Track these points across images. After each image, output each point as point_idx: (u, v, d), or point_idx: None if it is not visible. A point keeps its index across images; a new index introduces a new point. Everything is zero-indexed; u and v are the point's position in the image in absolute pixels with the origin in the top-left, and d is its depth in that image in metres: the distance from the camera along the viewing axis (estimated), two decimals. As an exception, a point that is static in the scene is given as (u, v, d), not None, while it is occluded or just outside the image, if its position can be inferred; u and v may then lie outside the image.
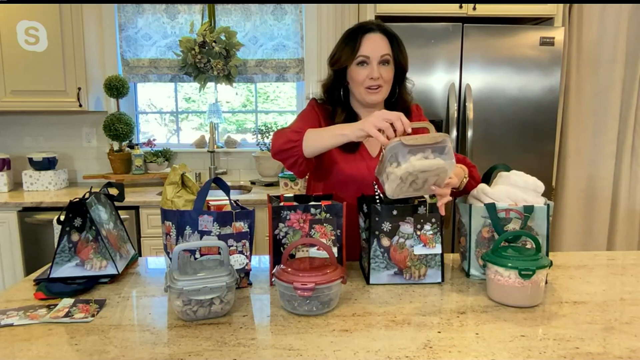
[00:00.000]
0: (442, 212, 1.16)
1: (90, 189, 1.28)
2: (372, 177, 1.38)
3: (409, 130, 1.07)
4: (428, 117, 2.45)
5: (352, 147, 1.41)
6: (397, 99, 1.46)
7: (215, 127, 3.15)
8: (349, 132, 1.16)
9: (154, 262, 1.43)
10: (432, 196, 1.19)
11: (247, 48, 3.03)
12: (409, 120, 1.08)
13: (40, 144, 3.09)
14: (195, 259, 1.13)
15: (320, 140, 1.21)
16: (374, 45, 1.34)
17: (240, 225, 1.16)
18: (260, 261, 1.42)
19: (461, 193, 1.35)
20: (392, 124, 1.07)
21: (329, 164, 1.42)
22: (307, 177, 1.54)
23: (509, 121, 2.51)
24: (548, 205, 1.19)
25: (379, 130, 1.07)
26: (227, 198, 1.25)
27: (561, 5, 2.55)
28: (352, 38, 1.36)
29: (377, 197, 1.25)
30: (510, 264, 1.04)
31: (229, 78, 2.97)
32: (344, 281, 1.04)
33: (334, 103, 1.44)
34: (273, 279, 1.17)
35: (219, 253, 1.13)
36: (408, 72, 1.45)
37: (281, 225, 1.17)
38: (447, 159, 1.03)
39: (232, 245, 1.15)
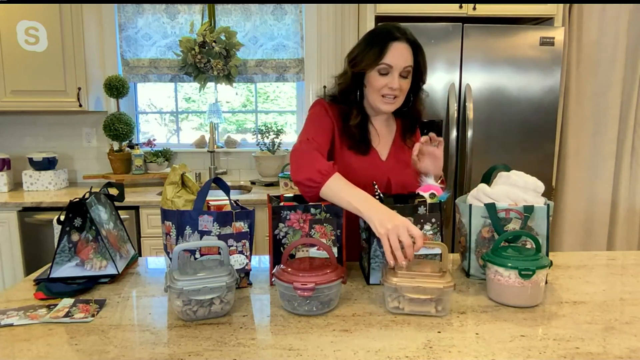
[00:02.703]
0: None
1: (90, 189, 1.28)
2: (377, 178, 1.38)
3: (403, 265, 1.03)
4: (428, 116, 2.46)
5: (364, 150, 1.40)
6: (410, 108, 1.44)
7: (215, 127, 3.15)
8: (364, 212, 1.09)
9: (154, 262, 1.43)
10: (433, 195, 1.20)
11: (247, 48, 3.03)
12: (420, 235, 1.03)
13: (40, 144, 3.09)
14: (195, 259, 1.13)
15: (337, 199, 1.15)
16: (400, 56, 1.30)
17: (240, 225, 1.16)
18: (260, 261, 1.42)
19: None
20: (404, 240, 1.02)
21: (341, 166, 1.37)
22: None
23: (509, 121, 2.51)
24: (548, 205, 1.19)
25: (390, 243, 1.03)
26: (227, 198, 1.25)
27: (561, 5, 2.55)
28: (378, 43, 1.31)
29: (377, 197, 1.25)
30: (510, 264, 1.04)
31: (229, 78, 2.97)
32: (344, 281, 1.04)
33: (349, 104, 1.40)
34: (273, 279, 1.17)
35: (219, 253, 1.13)
36: None
37: (281, 225, 1.17)
38: (439, 309, 1.01)
39: (232, 245, 1.15)
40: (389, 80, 1.31)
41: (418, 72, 1.37)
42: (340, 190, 1.15)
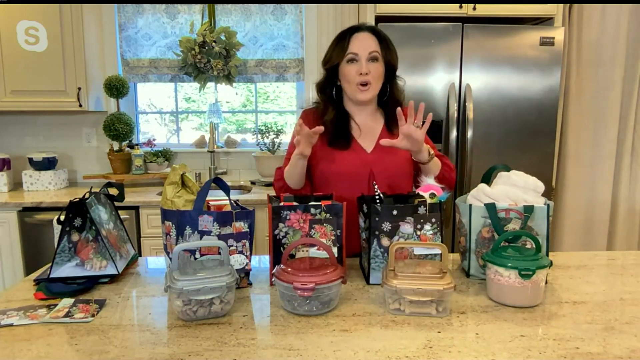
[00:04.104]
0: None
1: (90, 189, 1.28)
2: (365, 172, 1.41)
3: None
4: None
5: (344, 144, 1.46)
6: (389, 97, 1.51)
7: (215, 127, 3.15)
8: (296, 151, 1.33)
9: (154, 262, 1.43)
10: (433, 195, 1.20)
11: (247, 48, 3.03)
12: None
13: (40, 144, 3.09)
14: (195, 259, 1.13)
15: (292, 174, 1.40)
16: (362, 43, 1.41)
17: (240, 225, 1.16)
18: (260, 261, 1.42)
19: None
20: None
21: (321, 162, 1.45)
22: None
23: (509, 121, 2.51)
24: (548, 205, 1.19)
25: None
26: (227, 198, 1.25)
27: (561, 5, 2.55)
28: (342, 38, 1.44)
29: (377, 197, 1.25)
30: (510, 264, 1.04)
31: (229, 78, 2.97)
32: (344, 281, 1.04)
33: (325, 101, 1.50)
34: (273, 279, 1.17)
35: (219, 253, 1.13)
36: (408, 72, 1.47)
37: (281, 225, 1.17)
38: (440, 310, 1.01)
39: (232, 245, 1.15)
40: (358, 66, 1.40)
41: (388, 60, 1.44)
42: (289, 171, 1.41)
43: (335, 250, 1.19)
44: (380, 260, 1.17)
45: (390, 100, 1.50)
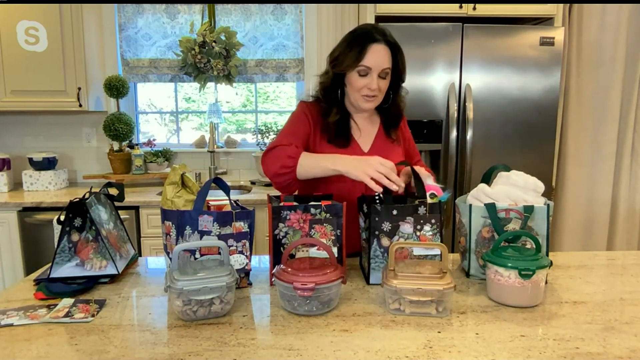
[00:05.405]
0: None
1: (90, 189, 1.28)
2: None
3: (396, 189, 1.16)
4: (428, 117, 2.47)
5: (344, 143, 1.44)
6: (390, 105, 1.49)
7: (215, 127, 3.15)
8: (341, 169, 1.21)
9: (154, 262, 1.43)
10: (433, 196, 1.20)
11: (247, 48, 3.03)
12: (398, 177, 1.17)
13: (40, 144, 3.09)
14: (195, 259, 1.13)
15: (312, 169, 1.27)
16: (378, 58, 1.34)
17: (240, 225, 1.16)
18: (260, 261, 1.42)
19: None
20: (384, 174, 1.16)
21: None
22: None
23: (509, 121, 2.51)
24: (548, 205, 1.19)
25: (373, 179, 1.15)
26: (227, 198, 1.25)
27: (561, 5, 2.55)
28: (357, 44, 1.35)
29: (377, 197, 1.25)
30: (510, 264, 1.04)
31: (229, 78, 2.97)
32: (344, 281, 1.04)
33: (330, 102, 1.45)
34: (273, 279, 1.17)
35: (219, 253, 1.13)
36: (408, 71, 1.46)
37: (281, 225, 1.17)
38: (440, 310, 1.01)
39: (232, 245, 1.15)
40: (368, 81, 1.36)
41: (397, 72, 1.41)
42: (313, 162, 1.27)
43: (335, 250, 1.19)
44: (380, 260, 1.17)
45: (391, 109, 1.50)
